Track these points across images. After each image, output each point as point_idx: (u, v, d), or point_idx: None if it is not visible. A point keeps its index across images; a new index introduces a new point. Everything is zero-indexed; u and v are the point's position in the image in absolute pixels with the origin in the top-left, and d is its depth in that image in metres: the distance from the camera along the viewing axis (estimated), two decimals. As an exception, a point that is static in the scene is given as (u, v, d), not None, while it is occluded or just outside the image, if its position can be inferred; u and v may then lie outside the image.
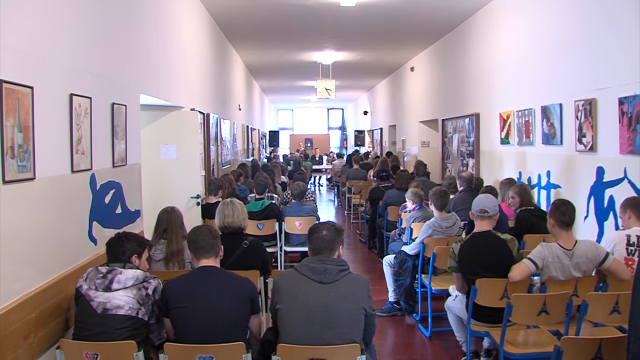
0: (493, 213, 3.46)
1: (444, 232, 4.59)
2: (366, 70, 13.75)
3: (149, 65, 4.77)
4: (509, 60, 6.49)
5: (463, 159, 8.15)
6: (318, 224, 2.72)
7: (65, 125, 2.99)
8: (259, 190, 5.96)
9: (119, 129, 3.87)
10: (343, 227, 9.82)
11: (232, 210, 3.72)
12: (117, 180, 3.81)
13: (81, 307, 2.65)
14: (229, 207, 3.74)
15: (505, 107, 6.54)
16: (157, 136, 5.80)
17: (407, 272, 4.74)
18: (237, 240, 3.66)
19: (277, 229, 5.81)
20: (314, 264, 2.56)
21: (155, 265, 3.79)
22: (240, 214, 3.72)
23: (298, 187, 6.10)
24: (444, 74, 9.54)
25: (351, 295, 2.50)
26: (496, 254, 3.33)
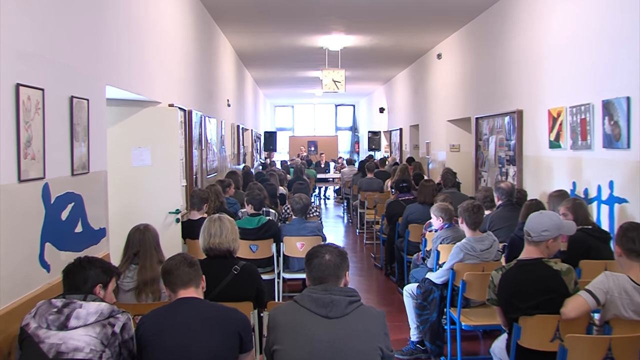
0: (545, 238, 3.36)
1: (478, 256, 4.58)
2: (382, 58, 13.78)
3: (118, 51, 4.78)
4: (561, 44, 6.41)
5: (502, 167, 8.13)
6: (318, 247, 2.74)
7: (9, 123, 2.95)
8: (255, 205, 6.02)
9: (80, 129, 3.86)
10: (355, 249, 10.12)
11: (220, 228, 3.74)
12: (77, 192, 3.80)
13: (27, 352, 2.59)
14: (216, 224, 3.76)
15: (555, 103, 6.48)
16: (128, 138, 5.82)
17: (433, 305, 4.73)
18: (226, 266, 3.67)
19: (274, 252, 5.82)
20: (318, 295, 2.57)
21: (124, 296, 3.80)
22: (229, 234, 3.75)
23: (300, 200, 6.14)
24: (478, 62, 9.54)
25: (364, 332, 2.50)
26: (547, 289, 3.27)
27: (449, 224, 5.39)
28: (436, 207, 5.47)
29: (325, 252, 2.68)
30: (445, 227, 5.36)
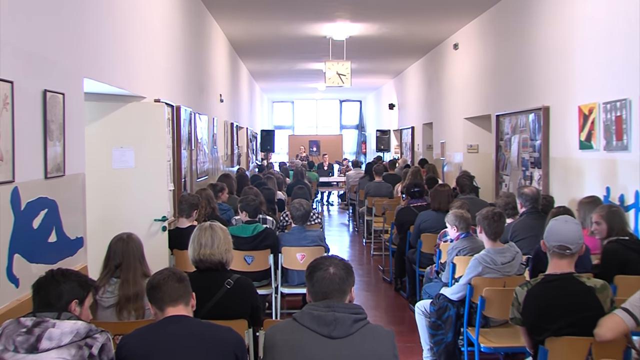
0: (577, 249, 3.38)
1: (499, 269, 4.58)
2: (392, 48, 13.80)
3: (98, 40, 4.78)
4: (593, 33, 6.38)
5: (526, 170, 8.11)
6: (321, 259, 2.76)
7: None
8: (250, 212, 6.04)
9: (55, 127, 3.85)
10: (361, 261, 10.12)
11: (212, 238, 3.75)
12: (51, 197, 3.79)
13: (-9, 379, 2.60)
14: (207, 233, 3.77)
15: (586, 98, 6.45)
16: (109, 137, 5.83)
17: (449, 323, 4.72)
18: (218, 279, 3.68)
19: (271, 264, 5.84)
20: (320, 312, 2.58)
21: (104, 313, 3.80)
22: (222, 244, 3.76)
23: (300, 206, 6.16)
24: (499, 53, 9.53)
25: (371, 353, 2.51)
26: (578, 308, 3.25)
27: (466, 233, 5.39)
28: (452, 214, 5.48)
29: (329, 264, 2.70)
30: (462, 237, 5.36)
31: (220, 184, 7.60)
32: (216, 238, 3.74)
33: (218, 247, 3.72)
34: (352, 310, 2.60)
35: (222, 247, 3.74)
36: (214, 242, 3.73)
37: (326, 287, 2.63)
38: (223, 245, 3.75)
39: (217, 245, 3.72)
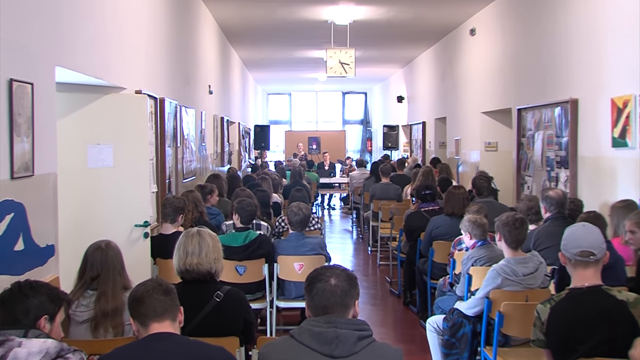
0: (601, 255, 3.39)
1: (521, 281, 4.59)
2: (401, 34, 13.82)
3: (72, 24, 4.76)
4: (628, 17, 6.31)
5: (551, 170, 8.12)
6: (321, 269, 2.77)
7: None
8: (244, 217, 6.07)
9: (22, 120, 3.85)
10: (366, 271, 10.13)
11: (199, 245, 3.76)
12: (18, 200, 3.79)
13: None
14: (195, 240, 3.78)
15: (620, 90, 6.40)
16: (84, 132, 5.83)
17: (464, 342, 4.72)
18: (206, 292, 3.69)
19: (266, 274, 5.86)
20: (320, 328, 2.59)
21: (77, 329, 3.79)
22: (211, 252, 3.76)
23: (298, 210, 6.19)
24: (521, 39, 9.51)
25: None
26: (610, 325, 3.25)
27: (483, 241, 5.40)
28: (467, 220, 5.50)
29: (330, 275, 2.71)
30: (479, 245, 5.37)
31: (209, 186, 7.63)
32: (204, 246, 3.74)
33: (206, 256, 3.72)
34: (356, 327, 2.60)
35: (210, 255, 3.74)
36: (202, 250, 3.73)
37: (327, 301, 2.64)
38: (212, 254, 3.75)
39: (205, 254, 3.72)
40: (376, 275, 9.79)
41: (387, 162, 12.93)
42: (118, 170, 5.88)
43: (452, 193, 7.00)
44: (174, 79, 8.40)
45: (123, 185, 5.91)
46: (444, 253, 6.61)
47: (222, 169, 12.62)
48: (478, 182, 7.93)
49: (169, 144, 7.49)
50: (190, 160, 9.07)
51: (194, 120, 9.48)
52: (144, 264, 5.75)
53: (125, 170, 5.91)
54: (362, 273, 9.94)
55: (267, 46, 15.47)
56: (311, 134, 24.17)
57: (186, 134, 8.78)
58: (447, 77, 14.08)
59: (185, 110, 8.77)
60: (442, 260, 6.67)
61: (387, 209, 10.07)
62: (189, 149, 8.96)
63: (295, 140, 22.78)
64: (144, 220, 5.95)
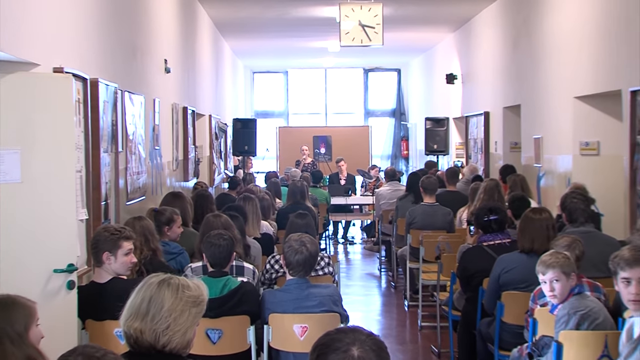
0: None
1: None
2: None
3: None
4: None
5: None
6: (337, 333, 2.82)
7: None
8: (216, 259, 6.16)
9: None
10: (402, 338, 10.03)
11: (149, 301, 3.81)
12: None
13: None
14: (147, 292, 3.83)
15: None
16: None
17: None
18: None
19: (251, 342, 5.90)
20: None
21: None
22: (164, 316, 3.80)
23: (300, 246, 6.20)
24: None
25: None
26: None
27: (579, 287, 5.41)
28: (550, 258, 5.54)
29: (351, 342, 2.73)
30: (575, 295, 5.38)
31: (168, 211, 7.68)
32: (157, 303, 3.79)
33: (153, 320, 3.77)
34: None
35: (161, 322, 3.78)
36: (150, 309, 3.78)
37: None
38: (165, 320, 3.79)
39: (152, 317, 3.78)
40: (417, 343, 9.78)
41: (431, 173, 12.90)
42: (28, 188, 5.87)
43: (531, 219, 6.99)
44: (112, 51, 8.44)
45: (36, 210, 5.90)
46: (519, 310, 6.58)
47: (186, 185, 12.69)
48: (570, 202, 7.85)
49: (105, 149, 7.51)
50: (138, 172, 9.12)
51: (142, 112, 9.53)
52: (67, 328, 5.73)
53: (40, 188, 5.91)
54: (396, 340, 9.95)
55: (251, 3, 15.54)
56: (318, 131, 24.14)
57: (131, 133, 8.82)
58: (521, 45, 14.09)
59: (130, 97, 8.82)
60: (516, 322, 6.64)
61: (433, 244, 10.06)
62: (135, 156, 9.01)
63: (294, 142, 22.74)
64: (67, 263, 5.93)
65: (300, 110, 27.67)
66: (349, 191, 18.42)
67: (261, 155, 21.61)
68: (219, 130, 17.82)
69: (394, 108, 27.72)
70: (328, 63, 25.94)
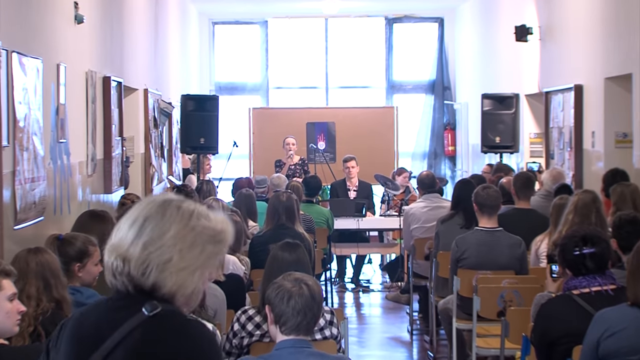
0: None
1: None
2: None
3: None
4: None
5: None
6: None
7: None
8: None
9: None
10: None
11: (150, 220, 4.21)
12: None
13: None
14: (144, 212, 4.25)
15: None
16: None
17: None
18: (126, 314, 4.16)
19: None
20: None
21: None
22: (171, 240, 4.18)
23: (297, 284, 6.41)
24: None
25: None
26: None
27: None
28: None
29: None
30: None
31: (80, 240, 7.85)
32: (157, 225, 4.17)
33: (153, 250, 4.14)
34: None
35: (164, 251, 4.14)
36: (144, 231, 4.17)
37: None
38: (169, 249, 4.15)
39: (148, 243, 4.15)
40: None
41: (491, 181, 12.90)
42: None
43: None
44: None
45: None
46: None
47: (108, 199, 12.79)
48: None
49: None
50: (32, 178, 9.29)
51: (40, 85, 9.87)
52: None
53: None
54: None
55: None
56: (315, 115, 24.27)
57: (22, 117, 9.13)
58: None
59: (21, 61, 9.10)
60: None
61: (494, 291, 10.36)
62: (29, 153, 9.26)
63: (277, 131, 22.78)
64: None
65: (287, 83, 27.90)
66: (363, 209, 18.42)
67: (226, 152, 21.70)
68: (160, 113, 17.87)
69: (432, 80, 27.98)
70: (330, 9, 26.11)
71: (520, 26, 19.55)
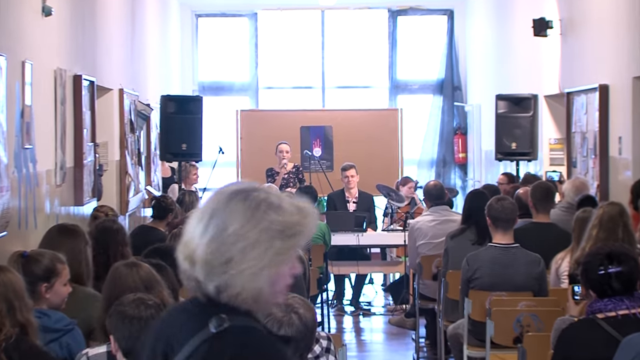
0: None
1: None
2: None
3: None
4: None
5: None
6: None
7: None
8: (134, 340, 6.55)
9: None
10: None
11: (215, 215, 4.32)
12: None
13: None
14: (211, 205, 4.36)
15: None
16: None
17: None
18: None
19: None
20: None
21: None
22: (231, 238, 4.28)
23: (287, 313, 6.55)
24: None
25: None
26: None
27: None
28: None
29: None
30: None
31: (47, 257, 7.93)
32: (219, 220, 4.28)
33: (213, 249, 4.24)
34: None
35: (224, 250, 4.22)
36: (208, 229, 4.27)
37: None
38: (229, 248, 4.23)
39: (210, 241, 4.25)
40: None
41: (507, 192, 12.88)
42: None
43: None
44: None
45: None
46: None
47: (79, 211, 12.72)
48: None
49: None
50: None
51: (3, 83, 9.97)
52: None
53: None
54: None
55: None
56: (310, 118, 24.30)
57: None
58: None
59: None
60: None
61: (509, 315, 10.43)
62: None
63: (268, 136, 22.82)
64: None
65: (279, 83, 27.92)
66: (363, 223, 18.42)
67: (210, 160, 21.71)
68: (137, 116, 17.86)
69: (440, 79, 28.05)
70: (326, 1, 26.06)
71: (538, 19, 19.57)
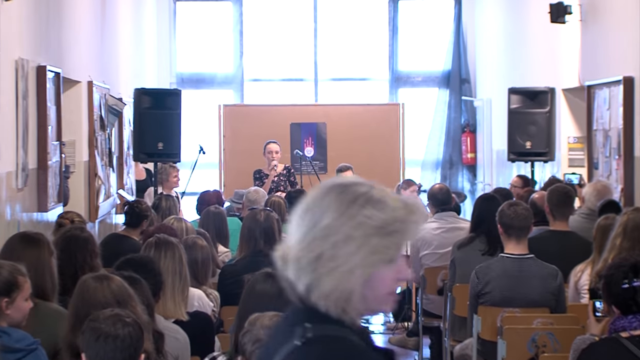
0: None
1: None
2: None
3: None
4: None
5: None
6: None
7: None
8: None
9: None
10: None
11: (310, 210, 4.52)
12: None
13: None
14: (309, 199, 4.56)
15: None
16: None
17: None
18: None
19: None
20: None
21: None
22: (322, 232, 4.47)
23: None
24: None
25: None
26: None
27: None
28: None
29: None
30: None
31: (6, 269, 8.07)
32: (313, 215, 4.44)
33: (304, 245, 4.41)
34: None
35: (314, 246, 4.39)
36: (303, 224, 4.45)
37: None
38: (320, 244, 4.39)
39: (302, 237, 4.43)
40: None
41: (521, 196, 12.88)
42: None
43: None
44: None
45: None
46: None
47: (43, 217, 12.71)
48: None
49: None
50: None
51: None
52: None
53: None
54: None
55: None
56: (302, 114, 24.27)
57: None
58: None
59: None
60: None
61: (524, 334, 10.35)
62: None
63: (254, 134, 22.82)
64: None
65: (266, 75, 27.89)
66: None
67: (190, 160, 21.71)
68: (108, 112, 17.85)
69: (447, 71, 28.02)
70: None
71: (556, 4, 19.55)
